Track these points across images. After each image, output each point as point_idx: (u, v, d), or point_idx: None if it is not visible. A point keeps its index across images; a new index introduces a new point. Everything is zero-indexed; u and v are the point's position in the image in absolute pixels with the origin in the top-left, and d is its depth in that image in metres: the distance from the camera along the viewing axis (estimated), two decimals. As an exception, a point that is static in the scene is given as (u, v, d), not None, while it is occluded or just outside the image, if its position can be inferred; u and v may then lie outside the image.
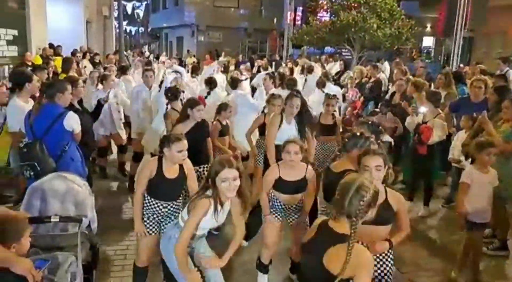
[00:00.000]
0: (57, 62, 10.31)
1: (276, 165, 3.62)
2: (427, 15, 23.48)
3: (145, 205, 3.29)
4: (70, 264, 2.78)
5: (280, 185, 3.52)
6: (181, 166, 3.30)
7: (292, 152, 3.41)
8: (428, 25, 24.42)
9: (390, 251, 2.91)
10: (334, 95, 5.96)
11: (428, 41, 26.49)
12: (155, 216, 3.28)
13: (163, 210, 3.28)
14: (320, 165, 5.14)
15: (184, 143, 3.19)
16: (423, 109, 5.69)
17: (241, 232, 3.07)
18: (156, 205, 3.26)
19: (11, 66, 9.87)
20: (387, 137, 6.48)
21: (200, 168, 4.31)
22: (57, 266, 2.69)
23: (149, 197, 3.26)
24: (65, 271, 2.72)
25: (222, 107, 5.42)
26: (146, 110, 6.31)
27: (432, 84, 7.91)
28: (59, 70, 9.01)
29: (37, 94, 4.83)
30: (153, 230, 3.29)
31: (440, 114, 5.57)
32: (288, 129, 4.53)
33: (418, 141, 5.41)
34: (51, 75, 8.45)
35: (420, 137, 5.39)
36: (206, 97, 6.60)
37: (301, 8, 25.43)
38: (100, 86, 6.51)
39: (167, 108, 5.34)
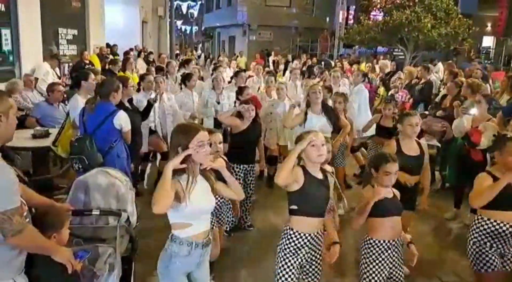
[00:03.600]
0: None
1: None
2: (487, 14, 22.40)
3: None
4: (109, 256, 2.91)
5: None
6: None
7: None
8: (488, 25, 23.28)
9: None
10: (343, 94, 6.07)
11: (487, 41, 25.24)
12: None
13: None
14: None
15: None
16: (473, 111, 5.46)
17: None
18: None
19: (70, 64, 10.42)
20: (434, 142, 6.30)
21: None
22: (97, 257, 2.84)
23: None
24: (103, 262, 2.86)
25: None
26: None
27: (489, 86, 7.56)
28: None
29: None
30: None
31: (492, 119, 5.32)
32: (317, 119, 4.88)
33: (469, 146, 5.20)
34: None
35: (471, 142, 5.18)
36: None
37: (353, 7, 25.02)
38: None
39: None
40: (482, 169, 5.14)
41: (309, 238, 2.89)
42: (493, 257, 3.20)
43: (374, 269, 3.10)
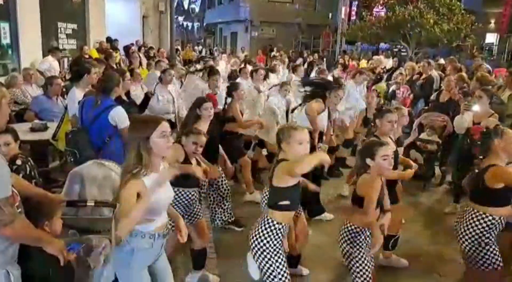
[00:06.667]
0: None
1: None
2: (491, 10, 22.26)
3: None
4: (104, 247, 2.88)
5: None
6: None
7: None
8: (492, 21, 23.15)
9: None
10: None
11: (491, 38, 25.10)
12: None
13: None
14: None
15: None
16: (476, 107, 5.40)
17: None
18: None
19: (70, 58, 10.39)
20: (434, 137, 6.27)
21: None
22: (91, 248, 2.81)
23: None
24: (98, 253, 2.83)
25: None
26: None
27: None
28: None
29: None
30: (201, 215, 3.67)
31: (494, 115, 5.27)
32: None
33: (472, 143, 5.15)
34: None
35: (473, 139, 5.14)
36: None
37: (356, 3, 24.92)
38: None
39: None
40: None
41: (286, 229, 2.94)
42: (496, 252, 3.21)
43: (365, 256, 3.13)
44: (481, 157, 3.48)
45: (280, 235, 2.87)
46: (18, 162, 3.38)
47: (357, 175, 3.26)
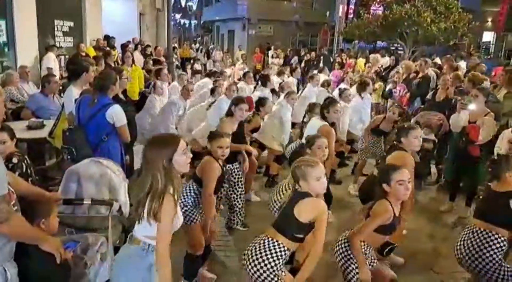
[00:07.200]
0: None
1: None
2: (488, 9, 22.32)
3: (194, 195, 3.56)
4: (101, 245, 2.90)
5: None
6: None
7: None
8: (489, 20, 23.20)
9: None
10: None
11: (488, 37, 25.18)
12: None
13: None
14: None
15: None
16: (472, 106, 5.42)
17: None
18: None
19: (66, 56, 10.35)
20: (431, 136, 6.29)
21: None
22: (88, 246, 2.82)
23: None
24: (95, 251, 2.84)
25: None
26: None
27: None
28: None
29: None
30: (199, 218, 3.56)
31: (490, 113, 5.29)
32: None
33: (467, 142, 5.18)
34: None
35: (468, 138, 5.16)
36: None
37: (353, 1, 24.91)
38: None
39: None
40: (478, 163, 5.17)
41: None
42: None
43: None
44: (489, 182, 3.51)
45: (283, 256, 2.83)
46: (14, 160, 3.38)
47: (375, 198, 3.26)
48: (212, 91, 7.08)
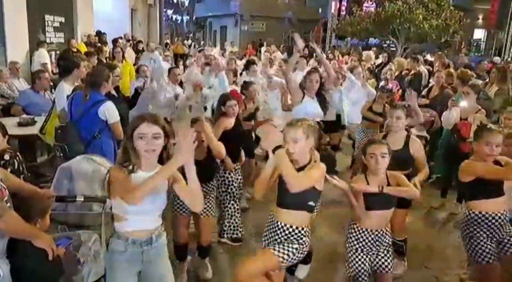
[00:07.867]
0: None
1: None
2: (479, 6, 22.47)
3: None
4: (94, 242, 2.89)
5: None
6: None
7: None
8: (480, 17, 23.37)
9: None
10: None
11: (479, 34, 25.36)
12: None
13: None
14: None
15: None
16: (463, 103, 5.46)
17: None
18: None
19: (57, 52, 10.27)
20: (423, 132, 6.32)
21: None
22: (80, 243, 2.81)
23: None
24: (88, 248, 2.83)
25: None
26: None
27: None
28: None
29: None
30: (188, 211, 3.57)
31: (481, 110, 5.34)
32: (312, 103, 4.69)
33: (458, 139, 5.22)
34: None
35: (460, 135, 5.20)
36: None
37: (346, -2, 24.99)
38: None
39: None
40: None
41: None
42: (490, 248, 3.19)
43: (357, 254, 3.12)
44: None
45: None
46: (6, 156, 3.35)
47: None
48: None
